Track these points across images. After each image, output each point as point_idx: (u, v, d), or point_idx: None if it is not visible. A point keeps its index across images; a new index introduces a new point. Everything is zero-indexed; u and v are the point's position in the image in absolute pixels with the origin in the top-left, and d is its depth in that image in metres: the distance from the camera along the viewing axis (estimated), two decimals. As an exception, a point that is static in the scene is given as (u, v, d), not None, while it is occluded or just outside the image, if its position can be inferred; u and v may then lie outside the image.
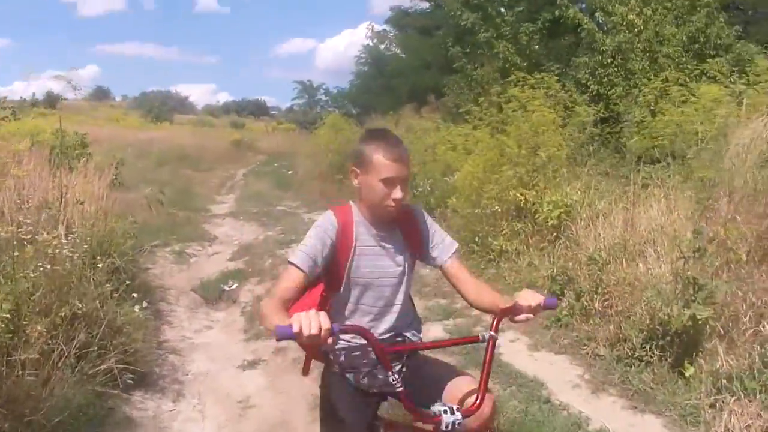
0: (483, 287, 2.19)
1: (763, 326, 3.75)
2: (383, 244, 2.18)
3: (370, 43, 22.08)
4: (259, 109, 71.66)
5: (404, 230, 2.21)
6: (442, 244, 2.25)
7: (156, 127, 35.09)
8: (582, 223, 5.87)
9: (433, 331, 5.07)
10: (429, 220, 2.29)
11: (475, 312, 4.55)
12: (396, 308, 2.20)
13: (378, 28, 22.08)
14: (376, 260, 2.16)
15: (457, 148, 9.68)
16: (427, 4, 18.41)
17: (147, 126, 35.09)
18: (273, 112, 69.64)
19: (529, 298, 1.97)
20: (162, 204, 10.26)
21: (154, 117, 44.49)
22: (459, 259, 2.27)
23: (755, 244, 4.25)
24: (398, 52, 20.47)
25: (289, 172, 18.50)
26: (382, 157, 2.02)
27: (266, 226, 10.29)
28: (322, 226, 2.10)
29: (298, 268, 2.01)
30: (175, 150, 20.90)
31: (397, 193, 2.03)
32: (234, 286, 6.64)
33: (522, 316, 1.98)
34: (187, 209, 11.28)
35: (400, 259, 2.20)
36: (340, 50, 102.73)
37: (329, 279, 2.16)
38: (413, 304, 2.39)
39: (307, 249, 2.05)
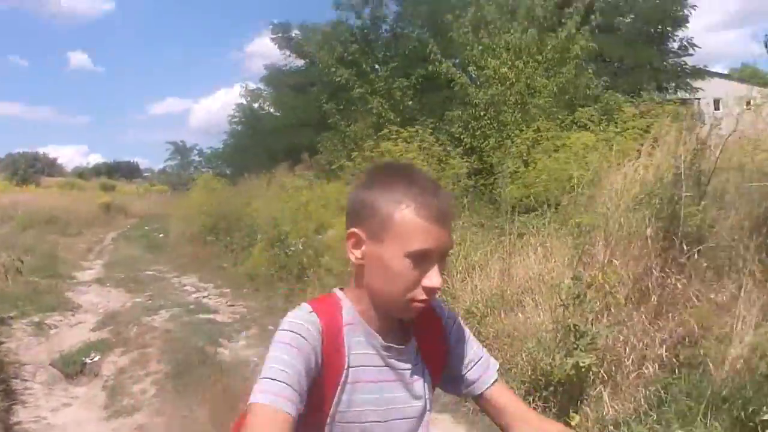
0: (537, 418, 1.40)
1: (646, 368, 3.74)
2: (394, 363, 1.29)
3: (244, 102, 21.76)
4: (131, 171, 69.28)
5: (421, 339, 1.34)
6: (482, 361, 1.40)
7: (21, 189, 33.66)
8: (458, 276, 5.74)
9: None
10: (459, 322, 1.42)
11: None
12: None
13: (252, 86, 21.81)
14: (382, 392, 1.27)
15: (330, 205, 9.34)
16: (301, 62, 18.38)
17: (11, 189, 33.47)
18: (146, 174, 67.59)
19: None
20: (20, 272, 9.57)
21: (20, 179, 43.18)
22: (504, 382, 1.43)
23: (633, 286, 4.21)
24: (272, 110, 20.24)
25: (161, 235, 18.14)
26: (414, 214, 1.16)
27: (134, 292, 9.83)
28: (300, 333, 1.16)
29: (284, 412, 1.08)
30: (41, 213, 20.09)
31: (435, 279, 1.18)
32: (96, 358, 6.22)
33: None
34: (51, 276, 10.73)
35: (419, 386, 1.33)
36: (214, 110, 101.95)
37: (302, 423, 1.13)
38: None
39: (288, 378, 1.11)
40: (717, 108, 13.73)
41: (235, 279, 10.25)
